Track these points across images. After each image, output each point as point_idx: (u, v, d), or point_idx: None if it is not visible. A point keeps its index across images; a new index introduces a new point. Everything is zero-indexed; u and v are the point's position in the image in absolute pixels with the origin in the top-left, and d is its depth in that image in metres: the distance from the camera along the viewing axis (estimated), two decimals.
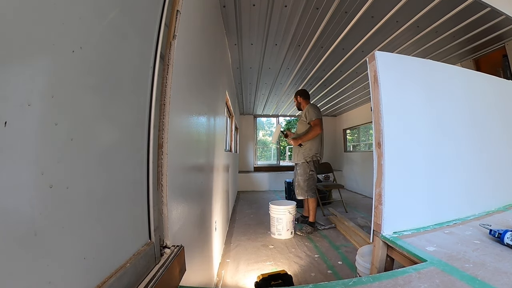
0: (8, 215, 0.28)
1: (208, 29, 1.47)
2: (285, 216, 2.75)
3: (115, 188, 0.50)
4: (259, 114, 7.12)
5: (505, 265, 0.79)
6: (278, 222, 2.77)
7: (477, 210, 1.35)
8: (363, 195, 5.54)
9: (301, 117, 3.18)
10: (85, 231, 0.41)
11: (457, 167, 1.33)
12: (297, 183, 3.07)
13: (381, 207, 1.08)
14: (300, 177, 3.04)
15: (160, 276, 0.58)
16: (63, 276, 0.36)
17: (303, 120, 3.13)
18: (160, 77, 0.70)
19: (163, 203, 0.71)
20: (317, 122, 2.97)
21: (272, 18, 2.18)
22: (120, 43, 0.51)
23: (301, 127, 3.14)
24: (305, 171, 3.01)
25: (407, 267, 0.83)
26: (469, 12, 1.98)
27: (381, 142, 1.11)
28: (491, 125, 1.53)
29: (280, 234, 2.77)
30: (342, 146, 7.01)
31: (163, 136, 0.71)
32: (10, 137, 0.28)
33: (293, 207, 2.83)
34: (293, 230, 2.85)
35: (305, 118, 3.10)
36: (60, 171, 0.35)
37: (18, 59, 0.29)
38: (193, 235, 1.13)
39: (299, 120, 3.26)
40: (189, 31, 1.01)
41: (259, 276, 1.63)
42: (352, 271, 1.96)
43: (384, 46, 2.60)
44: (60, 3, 0.34)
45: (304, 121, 3.10)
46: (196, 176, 1.22)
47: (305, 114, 3.09)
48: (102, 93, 0.46)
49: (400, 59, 1.26)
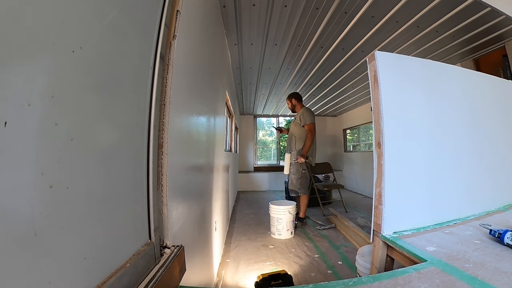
0: (8, 215, 0.28)
1: (208, 29, 1.47)
2: (285, 216, 2.76)
3: (115, 188, 0.50)
4: (259, 114, 7.12)
5: (505, 265, 0.79)
6: (278, 222, 2.78)
7: (477, 210, 1.35)
8: (363, 195, 5.54)
9: (295, 119, 3.31)
10: (85, 231, 0.41)
11: (457, 167, 1.33)
12: (291, 181, 3.25)
13: (381, 207, 1.08)
14: (293, 176, 3.21)
15: (160, 276, 0.58)
16: (63, 276, 0.36)
17: (297, 122, 3.24)
18: (160, 77, 0.70)
19: (163, 203, 0.71)
20: (312, 127, 3.14)
21: (272, 18, 2.18)
22: (120, 43, 0.51)
23: (295, 129, 3.27)
24: (298, 170, 3.18)
25: (407, 267, 0.83)
26: (469, 12, 1.98)
27: (381, 142, 1.11)
28: (491, 125, 1.53)
29: (280, 234, 2.79)
30: (342, 146, 7.01)
31: (163, 136, 0.71)
32: (10, 137, 0.28)
33: (293, 207, 2.84)
34: (293, 230, 2.86)
35: (299, 121, 3.20)
36: (60, 171, 0.35)
37: (18, 59, 0.29)
38: (193, 235, 1.13)
39: (293, 121, 3.38)
40: (189, 31, 1.01)
41: (259, 276, 1.63)
42: (352, 271, 1.96)
43: (384, 46, 2.60)
44: (60, 3, 0.34)
45: (299, 123, 3.22)
46: (196, 176, 1.22)
47: (300, 117, 3.20)
48: (102, 93, 0.46)
49: (400, 59, 1.26)
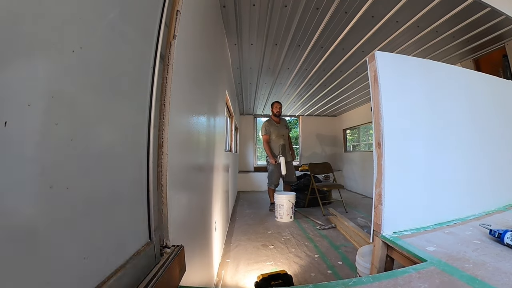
0: (8, 215, 0.28)
1: (208, 29, 1.47)
2: (286, 203, 3.45)
3: (115, 188, 0.50)
4: (259, 114, 7.12)
5: (505, 265, 0.79)
6: (280, 208, 3.48)
7: (477, 210, 1.35)
8: (363, 195, 5.54)
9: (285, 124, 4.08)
10: (85, 231, 0.41)
11: (457, 167, 1.33)
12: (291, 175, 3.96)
13: (381, 207, 1.08)
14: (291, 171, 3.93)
15: (160, 276, 0.58)
16: (63, 276, 0.36)
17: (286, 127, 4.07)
18: (160, 77, 0.70)
19: (163, 203, 0.71)
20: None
21: (272, 18, 2.18)
22: (120, 43, 0.51)
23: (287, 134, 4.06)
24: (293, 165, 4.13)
25: (407, 267, 0.83)
26: (469, 12, 1.98)
27: (381, 142, 1.11)
28: (491, 125, 1.53)
29: (282, 218, 3.47)
30: (342, 146, 7.01)
31: (163, 136, 0.71)
32: (10, 137, 0.28)
33: (293, 197, 3.53)
34: (292, 215, 3.51)
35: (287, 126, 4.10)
36: (60, 171, 0.35)
37: (18, 59, 0.29)
38: (193, 235, 1.13)
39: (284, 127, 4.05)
40: (189, 31, 1.01)
41: (259, 276, 1.63)
42: (352, 271, 1.96)
43: (384, 46, 2.59)
44: (60, 3, 0.34)
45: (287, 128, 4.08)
46: (196, 176, 1.22)
47: (286, 123, 4.12)
48: (102, 93, 0.46)
49: (400, 59, 1.26)
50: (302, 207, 4.22)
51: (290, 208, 3.45)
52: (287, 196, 3.44)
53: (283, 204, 3.43)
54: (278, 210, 3.48)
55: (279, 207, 3.45)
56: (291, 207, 3.45)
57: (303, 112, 6.79)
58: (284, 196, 3.45)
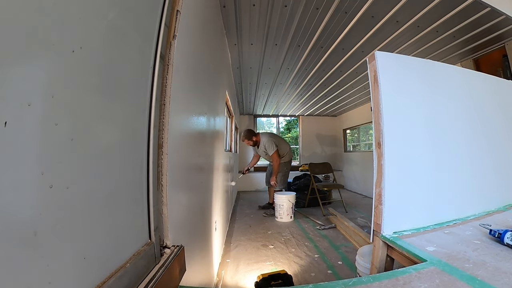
0: (8, 215, 0.28)
1: (208, 29, 1.47)
2: (286, 203, 3.45)
3: (115, 188, 0.50)
4: (259, 114, 7.11)
5: (505, 265, 0.79)
6: (280, 208, 3.47)
7: (477, 210, 1.35)
8: (363, 195, 5.54)
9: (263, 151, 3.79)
10: (85, 231, 0.41)
11: (457, 167, 1.33)
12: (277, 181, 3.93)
13: (381, 207, 1.08)
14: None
15: (160, 276, 0.58)
16: (63, 276, 0.36)
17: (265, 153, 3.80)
18: (160, 77, 0.70)
19: (163, 203, 0.71)
20: (275, 155, 3.68)
21: (272, 18, 2.18)
22: (120, 43, 0.51)
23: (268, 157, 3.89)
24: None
25: (407, 267, 0.83)
26: (469, 12, 1.98)
27: (381, 142, 1.11)
28: (491, 125, 1.53)
29: (282, 218, 3.46)
30: (342, 146, 7.01)
31: (163, 136, 0.71)
32: (10, 137, 0.28)
33: (293, 197, 3.51)
34: (292, 215, 3.50)
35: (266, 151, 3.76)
36: (60, 171, 0.35)
37: (18, 59, 0.29)
38: (193, 235, 1.13)
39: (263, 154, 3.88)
40: (189, 31, 1.01)
41: (259, 276, 1.63)
42: (352, 271, 1.96)
43: (384, 46, 2.59)
44: (60, 3, 0.34)
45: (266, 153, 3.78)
46: (196, 176, 1.22)
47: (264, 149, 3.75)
48: (102, 93, 0.46)
49: (400, 59, 1.26)
50: (302, 207, 4.22)
51: (290, 208, 3.45)
52: (287, 196, 3.45)
53: (283, 204, 3.44)
54: (278, 210, 3.49)
55: (279, 207, 3.47)
56: (291, 207, 3.46)
57: (303, 112, 6.78)
58: (284, 196, 3.46)
